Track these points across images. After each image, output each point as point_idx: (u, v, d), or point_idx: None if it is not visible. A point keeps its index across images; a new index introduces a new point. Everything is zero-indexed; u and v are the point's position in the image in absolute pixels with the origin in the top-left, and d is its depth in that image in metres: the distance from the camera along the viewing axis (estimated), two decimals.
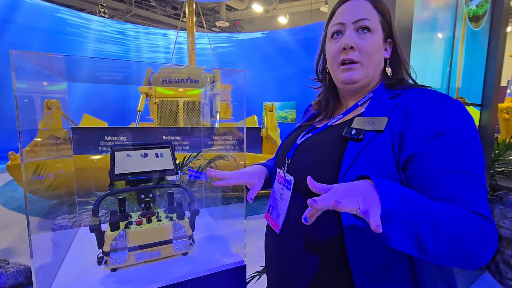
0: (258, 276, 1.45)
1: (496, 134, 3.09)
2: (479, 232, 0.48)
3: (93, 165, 3.59)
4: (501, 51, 2.17)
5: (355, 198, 0.42)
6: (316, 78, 0.81)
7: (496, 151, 2.69)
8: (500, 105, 4.83)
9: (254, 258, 1.20)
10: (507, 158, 2.97)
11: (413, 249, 0.46)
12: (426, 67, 2.02)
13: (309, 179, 0.47)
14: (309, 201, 0.40)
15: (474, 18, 2.07)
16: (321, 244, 0.60)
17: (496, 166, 2.64)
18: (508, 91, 5.16)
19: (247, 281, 1.02)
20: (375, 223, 0.39)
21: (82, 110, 5.34)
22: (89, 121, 4.62)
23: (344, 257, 0.56)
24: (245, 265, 0.89)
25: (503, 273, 2.24)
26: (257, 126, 5.30)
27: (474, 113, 2.34)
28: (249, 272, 1.29)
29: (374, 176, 0.46)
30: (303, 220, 0.43)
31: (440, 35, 1.99)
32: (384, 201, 0.43)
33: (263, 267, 1.44)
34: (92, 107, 6.96)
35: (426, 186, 0.53)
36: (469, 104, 2.26)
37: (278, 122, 5.68)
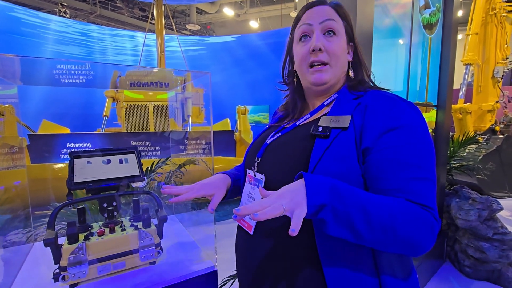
0: (232, 280, 1.43)
1: (451, 133, 3.36)
2: (415, 220, 0.52)
3: (53, 174, 3.34)
4: (452, 57, 2.37)
5: (280, 202, 0.48)
6: (285, 81, 0.83)
7: (452, 148, 2.92)
8: (454, 106, 5.27)
9: (228, 263, 1.18)
10: (462, 155, 3.23)
11: (350, 236, 0.52)
12: (390, 71, 2.15)
13: (260, 188, 0.54)
14: (234, 210, 0.46)
15: (428, 26, 2.24)
16: (293, 242, 0.61)
17: (452, 162, 2.87)
18: (460, 93, 5.63)
19: (219, 286, 1.00)
20: (292, 228, 0.45)
21: (41, 116, 4.95)
22: (48, 127, 4.30)
23: (315, 253, 0.58)
24: (216, 270, 0.87)
25: (461, 261, 2.42)
26: (230, 129, 5.28)
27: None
28: (222, 277, 1.27)
29: (309, 174, 0.53)
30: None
31: (401, 41, 2.13)
32: (311, 198, 0.49)
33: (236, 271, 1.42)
34: (52, 113, 6.49)
35: (376, 177, 0.57)
36: (433, 106, 2.43)
37: (252, 125, 5.71)
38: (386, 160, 0.56)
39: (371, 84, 0.74)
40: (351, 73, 0.73)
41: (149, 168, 1.86)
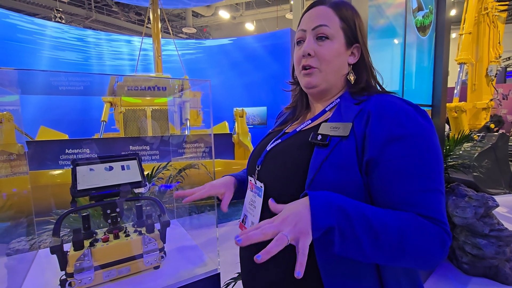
0: (233, 283, 1.45)
1: (447, 131, 3.39)
2: (424, 237, 0.50)
3: (53, 181, 3.34)
4: (446, 56, 2.41)
5: (284, 230, 0.45)
6: (292, 81, 0.84)
7: (447, 147, 2.95)
8: (449, 104, 5.32)
9: (230, 266, 1.20)
10: (458, 153, 3.27)
11: (356, 255, 0.49)
12: (385, 71, 2.17)
13: (270, 201, 0.52)
14: (236, 240, 0.44)
15: (422, 28, 2.28)
16: (293, 250, 0.61)
17: (448, 160, 2.90)
18: (455, 91, 5.69)
19: None
20: (297, 270, 0.42)
21: (39, 122, 4.94)
22: (46, 133, 4.29)
23: (314, 262, 0.56)
24: (219, 273, 0.89)
25: (459, 258, 2.45)
26: (228, 132, 5.30)
27: None
28: (225, 280, 1.29)
29: (314, 194, 0.49)
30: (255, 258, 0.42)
31: (396, 41, 2.15)
32: (316, 222, 0.46)
33: (238, 273, 1.44)
34: (49, 119, 6.46)
35: (382, 191, 0.54)
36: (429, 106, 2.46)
37: (249, 128, 5.72)
38: (392, 172, 0.53)
39: (378, 88, 0.71)
40: (352, 77, 0.69)
41: (149, 173, 1.88)
